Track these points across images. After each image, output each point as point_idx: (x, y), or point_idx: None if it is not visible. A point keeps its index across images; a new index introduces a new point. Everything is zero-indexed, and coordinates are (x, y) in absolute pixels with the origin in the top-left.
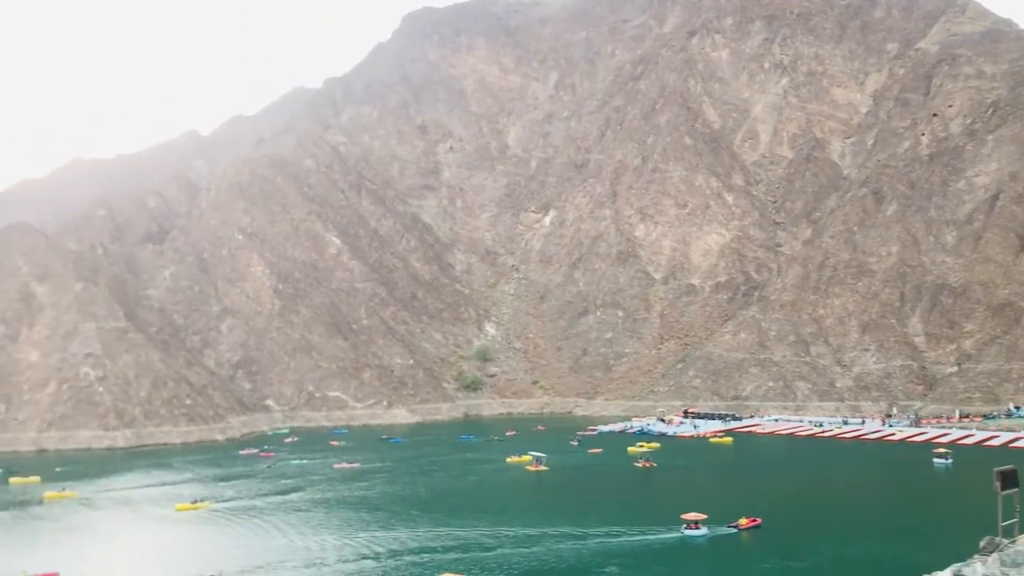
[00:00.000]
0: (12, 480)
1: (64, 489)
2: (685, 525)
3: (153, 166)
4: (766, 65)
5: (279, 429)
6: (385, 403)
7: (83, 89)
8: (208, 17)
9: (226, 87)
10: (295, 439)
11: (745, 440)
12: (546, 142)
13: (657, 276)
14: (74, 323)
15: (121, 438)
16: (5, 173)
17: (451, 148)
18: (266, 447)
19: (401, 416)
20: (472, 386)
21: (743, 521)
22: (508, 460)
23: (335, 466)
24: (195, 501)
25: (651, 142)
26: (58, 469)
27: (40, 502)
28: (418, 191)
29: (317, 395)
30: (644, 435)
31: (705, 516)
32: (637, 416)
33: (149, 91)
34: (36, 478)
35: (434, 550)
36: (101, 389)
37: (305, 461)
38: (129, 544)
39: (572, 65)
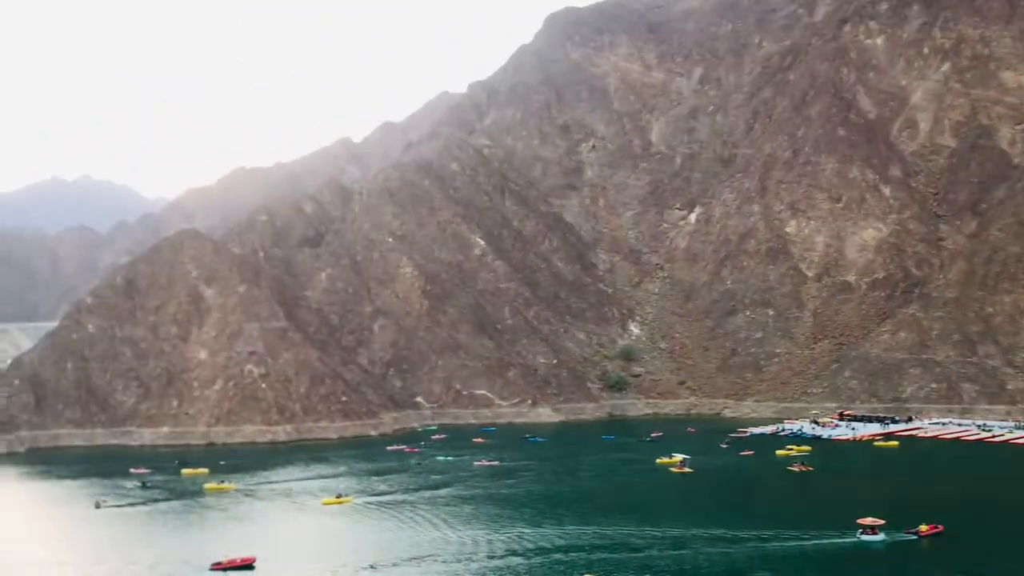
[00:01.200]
0: (184, 471)
1: (223, 482)
2: (861, 530)
3: (310, 173)
4: (925, 50)
5: (428, 426)
6: (530, 402)
7: (247, 102)
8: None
9: (377, 95)
10: (442, 436)
11: (909, 444)
12: (691, 138)
13: (810, 273)
14: (239, 323)
15: (282, 432)
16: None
17: (593, 147)
18: (421, 443)
19: (546, 415)
20: (617, 386)
21: (923, 528)
22: (658, 461)
23: (475, 463)
24: (339, 496)
25: (802, 134)
26: (222, 462)
27: (202, 493)
28: (560, 191)
29: (464, 393)
30: (797, 438)
31: (883, 522)
32: (789, 418)
33: (306, 102)
34: (205, 470)
35: (580, 548)
36: (264, 386)
37: (450, 458)
38: (290, 533)
39: (717, 58)
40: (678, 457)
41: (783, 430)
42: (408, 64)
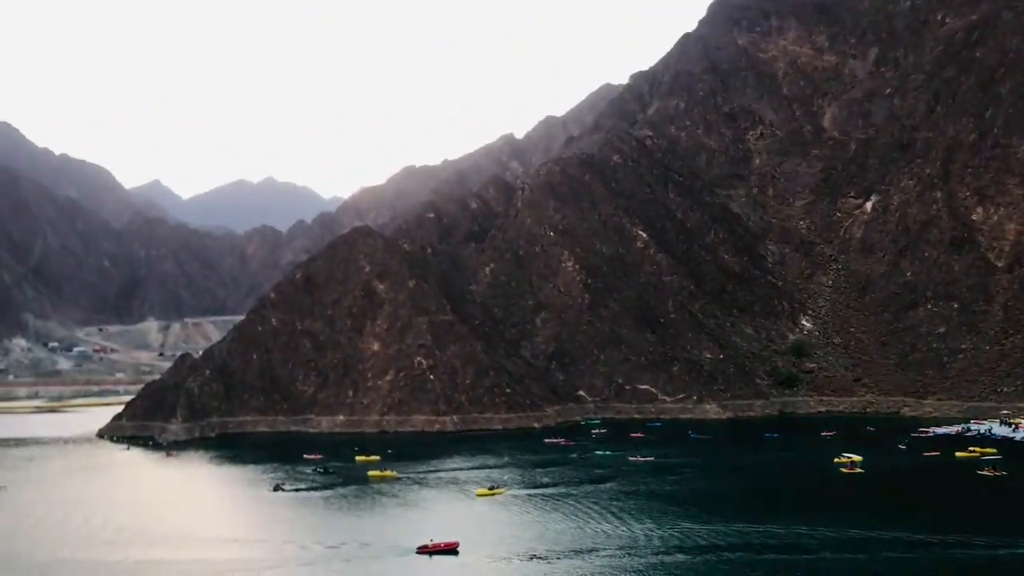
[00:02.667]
0: (358, 458)
1: (385, 469)
2: None
3: (475, 169)
4: None
5: (591, 419)
6: (695, 398)
7: (417, 103)
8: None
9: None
10: (603, 431)
11: None
12: (866, 122)
13: (999, 264)
14: (409, 317)
15: (450, 423)
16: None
17: (761, 135)
18: (579, 437)
19: (712, 411)
20: (787, 382)
21: None
22: (835, 461)
23: (630, 459)
24: (492, 487)
25: (990, 115)
26: (389, 451)
27: (366, 480)
28: (727, 181)
29: (627, 388)
30: (984, 439)
31: None
32: (976, 418)
33: (472, 100)
34: (377, 457)
35: (749, 547)
36: (432, 377)
37: (608, 452)
38: (470, 520)
39: (895, 38)
40: (852, 457)
41: (968, 431)
42: (570, 58)
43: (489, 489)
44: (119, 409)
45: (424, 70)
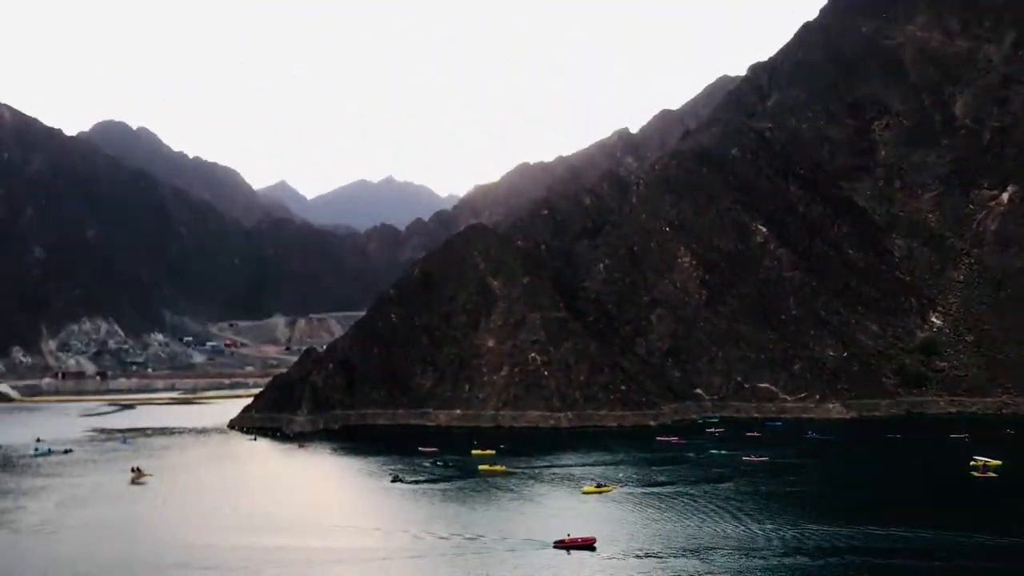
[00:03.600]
0: (474, 452)
1: (495, 463)
2: None
3: (589, 165)
4: None
5: (709, 418)
6: (817, 397)
7: (530, 99)
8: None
9: (654, 83)
10: (719, 429)
11: None
12: (1002, 110)
13: None
14: (522, 313)
15: (564, 419)
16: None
17: (887, 125)
18: (694, 435)
19: (835, 411)
20: (915, 382)
21: None
22: (971, 464)
23: (744, 458)
24: (600, 485)
25: None
26: (502, 445)
27: (480, 473)
28: (851, 173)
29: (746, 386)
30: None
31: None
32: None
33: (587, 95)
34: (492, 451)
35: (874, 551)
36: (546, 373)
37: (723, 452)
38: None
39: None
40: (988, 461)
41: None
42: (685, 50)
43: (596, 487)
44: (248, 401)
45: (538, 67)
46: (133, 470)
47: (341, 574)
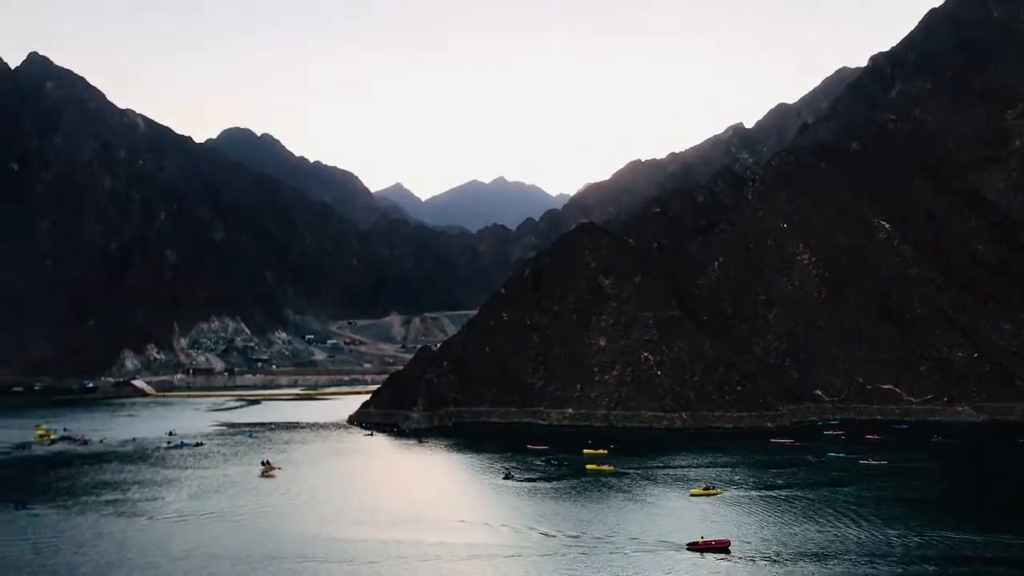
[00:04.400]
0: (586, 451)
1: (603, 464)
2: None
3: (702, 162)
4: None
5: (829, 420)
6: (945, 399)
7: (640, 97)
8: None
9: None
10: (840, 432)
11: None
12: None
13: None
14: (634, 312)
15: (678, 419)
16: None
17: (1021, 114)
18: (812, 437)
19: (965, 414)
20: None
21: None
22: None
23: (861, 462)
24: (708, 487)
25: None
26: (612, 445)
27: (586, 472)
28: (980, 165)
29: (868, 387)
30: None
31: None
32: None
33: (699, 90)
34: (604, 451)
35: (1006, 563)
36: (659, 373)
37: (842, 455)
38: (685, 520)
39: None
40: None
41: None
42: (802, 42)
43: (704, 489)
44: (366, 397)
45: (648, 63)
46: (263, 463)
47: (461, 571)
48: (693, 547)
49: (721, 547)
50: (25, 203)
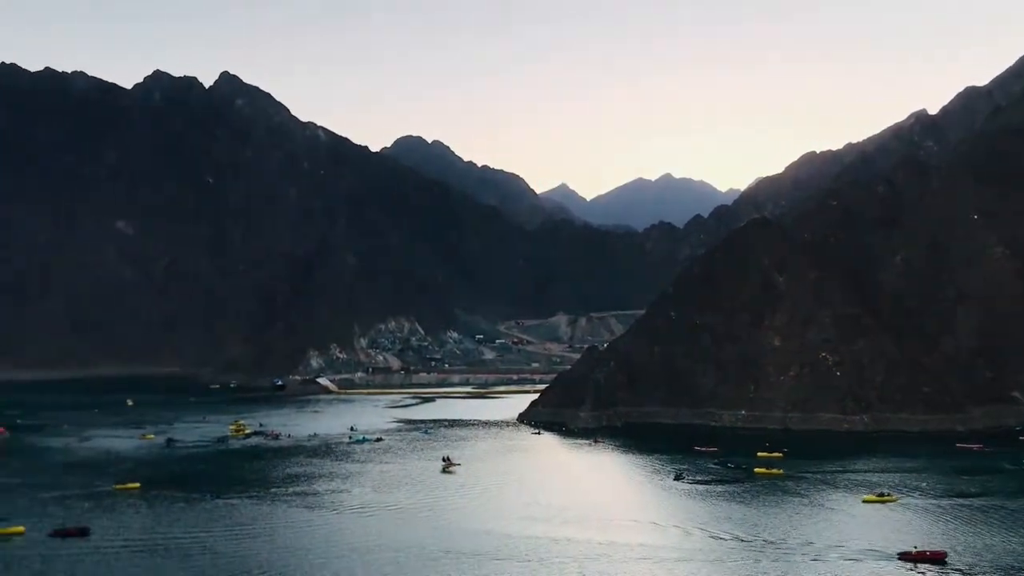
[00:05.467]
0: (760, 454)
1: (772, 467)
2: None
3: (881, 152)
4: None
5: None
6: None
7: (815, 85)
8: None
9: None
10: None
11: None
12: None
13: None
14: (811, 310)
15: (859, 422)
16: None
17: None
18: (1006, 442)
19: None
20: None
21: None
22: None
23: None
24: (882, 494)
25: None
26: (785, 449)
27: (758, 475)
28: None
29: None
30: None
31: None
32: None
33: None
34: (779, 454)
35: None
36: (838, 373)
37: None
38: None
39: None
40: None
41: None
42: (991, 20)
43: (878, 495)
44: (535, 396)
45: (821, 49)
46: (444, 459)
47: (631, 572)
48: (906, 557)
49: (937, 559)
50: (219, 214)
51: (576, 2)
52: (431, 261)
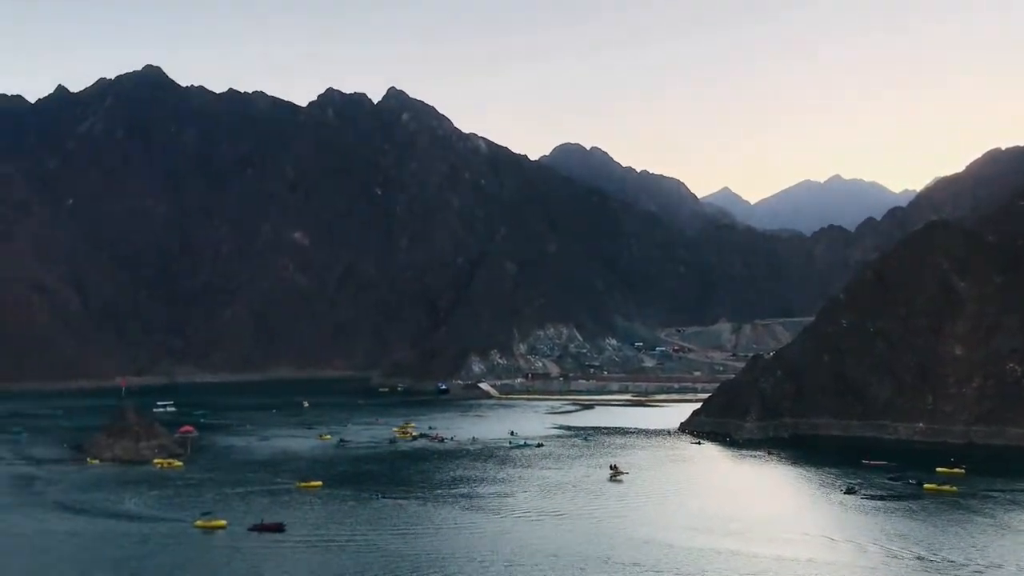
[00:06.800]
0: (939, 470)
1: (943, 484)
2: None
3: None
4: None
5: None
6: None
7: (997, 79)
8: None
9: None
10: None
11: None
12: None
13: None
14: (997, 317)
15: None
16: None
17: None
18: None
19: None
20: None
21: None
22: None
23: None
24: None
25: None
26: (963, 466)
27: (931, 492)
28: None
29: None
30: None
31: None
32: None
33: None
34: (960, 470)
35: None
36: None
37: None
38: None
39: None
40: None
41: None
42: None
43: None
44: (697, 405)
45: (1006, 34)
46: (611, 467)
47: None
48: None
49: None
50: (387, 223)
51: (736, 3)
52: (590, 268)
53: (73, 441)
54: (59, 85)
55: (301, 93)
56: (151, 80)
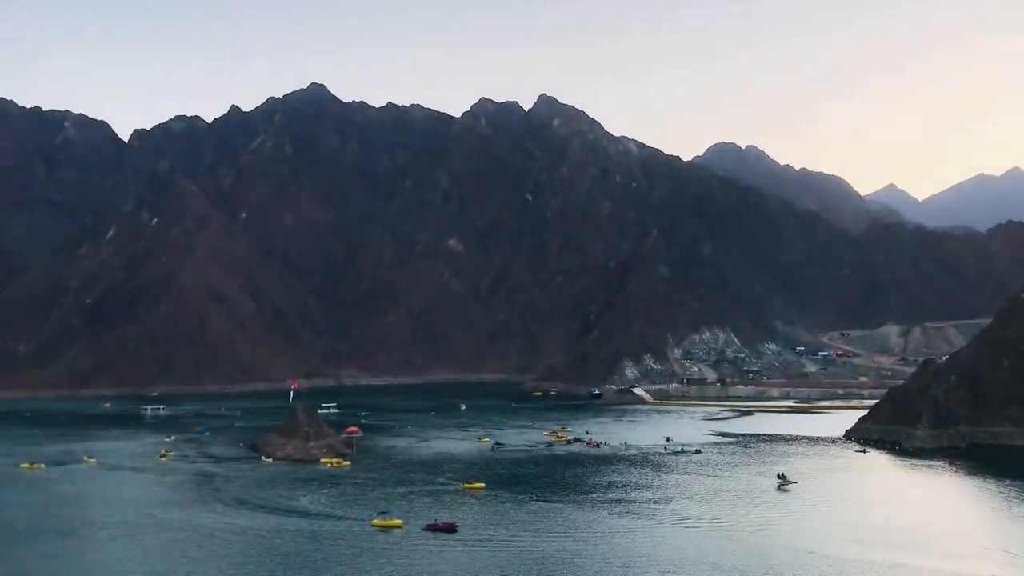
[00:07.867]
0: None
1: None
2: None
3: None
4: None
5: None
6: None
7: None
8: None
9: None
10: None
11: None
12: None
13: None
14: None
15: None
16: None
17: None
18: None
19: None
20: None
21: None
22: None
23: None
24: None
25: None
26: None
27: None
28: None
29: None
30: None
31: None
32: None
33: None
34: None
35: None
36: None
37: None
38: None
39: None
40: None
41: None
42: None
43: None
44: (863, 412)
45: None
46: (779, 476)
47: None
48: None
49: None
50: (538, 228)
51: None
52: (747, 270)
53: (248, 440)
54: (232, 105)
55: (455, 103)
56: (316, 97)
